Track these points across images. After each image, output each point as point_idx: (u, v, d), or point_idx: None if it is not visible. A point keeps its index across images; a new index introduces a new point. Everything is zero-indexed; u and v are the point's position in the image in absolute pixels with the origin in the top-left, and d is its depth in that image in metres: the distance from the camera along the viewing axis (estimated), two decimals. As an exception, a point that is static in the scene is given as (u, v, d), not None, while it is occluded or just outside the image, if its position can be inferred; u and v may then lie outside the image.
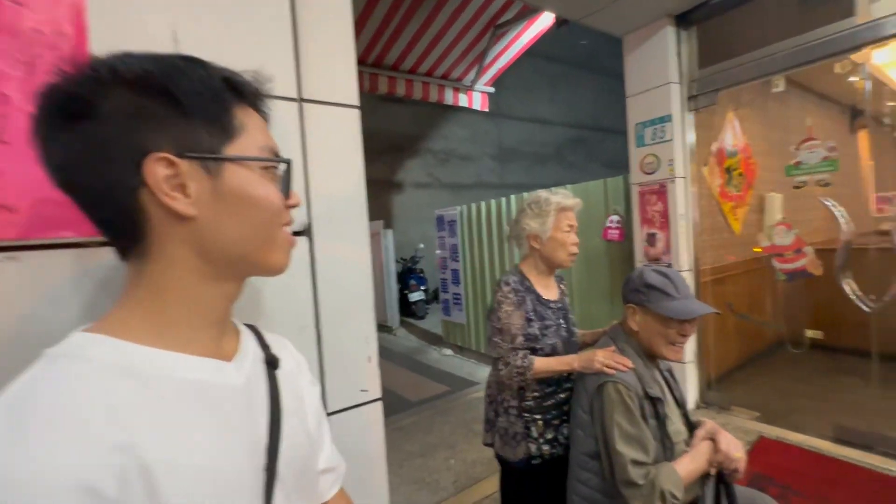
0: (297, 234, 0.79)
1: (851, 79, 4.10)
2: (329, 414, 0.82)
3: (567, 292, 1.57)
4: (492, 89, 4.53)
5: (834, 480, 2.07)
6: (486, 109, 4.77)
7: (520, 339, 1.32)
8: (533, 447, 1.31)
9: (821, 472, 2.14)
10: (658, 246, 2.88)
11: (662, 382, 1.30)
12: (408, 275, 7.26)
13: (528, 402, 1.34)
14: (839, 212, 2.31)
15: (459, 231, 5.13)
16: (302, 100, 0.80)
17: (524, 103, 9.96)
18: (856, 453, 2.24)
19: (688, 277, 2.85)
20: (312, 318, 0.80)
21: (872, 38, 2.10)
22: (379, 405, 0.89)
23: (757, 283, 3.60)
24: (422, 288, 7.03)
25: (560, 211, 1.41)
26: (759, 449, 2.38)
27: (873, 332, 2.34)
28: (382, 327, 6.88)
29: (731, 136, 3.36)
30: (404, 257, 7.57)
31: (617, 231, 3.33)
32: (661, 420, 1.16)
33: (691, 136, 2.85)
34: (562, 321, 1.42)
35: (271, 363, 0.56)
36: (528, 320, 1.35)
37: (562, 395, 1.36)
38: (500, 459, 1.40)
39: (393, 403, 3.86)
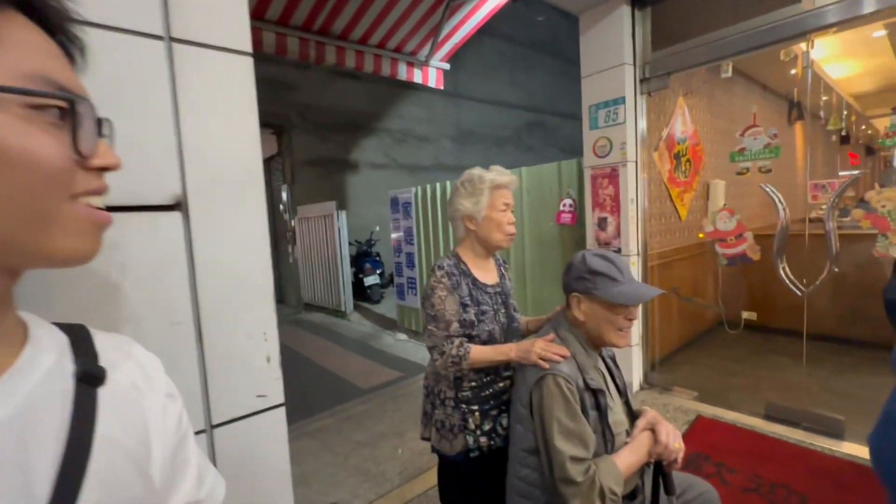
0: (165, 207, 0.63)
1: (793, 71, 4.27)
2: (216, 426, 0.69)
3: (510, 276, 1.49)
4: (447, 66, 4.35)
5: (764, 456, 2.17)
6: (442, 87, 4.58)
7: (455, 326, 1.23)
8: (470, 439, 1.24)
9: (752, 449, 2.23)
10: (608, 230, 2.88)
11: (605, 371, 1.26)
12: (363, 258, 7.06)
13: (464, 393, 1.25)
14: (777, 197, 2.38)
15: (414, 213, 4.98)
16: (171, 39, 0.64)
17: (483, 84, 9.83)
18: (783, 429, 2.36)
19: (636, 262, 2.87)
20: (190, 312, 0.66)
21: (817, 25, 2.13)
22: (281, 412, 0.76)
23: (700, 267, 3.73)
24: (377, 272, 6.86)
25: (494, 189, 1.31)
26: (697, 428, 2.45)
27: (804, 314, 2.45)
28: (336, 312, 6.67)
29: (681, 122, 3.41)
30: (359, 240, 7.34)
31: (570, 215, 3.31)
32: (602, 412, 1.11)
33: (643, 120, 2.84)
34: (500, 307, 1.34)
35: (89, 378, 0.41)
36: (464, 306, 1.26)
37: (500, 385, 1.29)
38: (438, 454, 1.32)
39: (343, 391, 3.73)
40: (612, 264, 1.14)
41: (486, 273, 1.36)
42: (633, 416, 1.26)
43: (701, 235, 2.94)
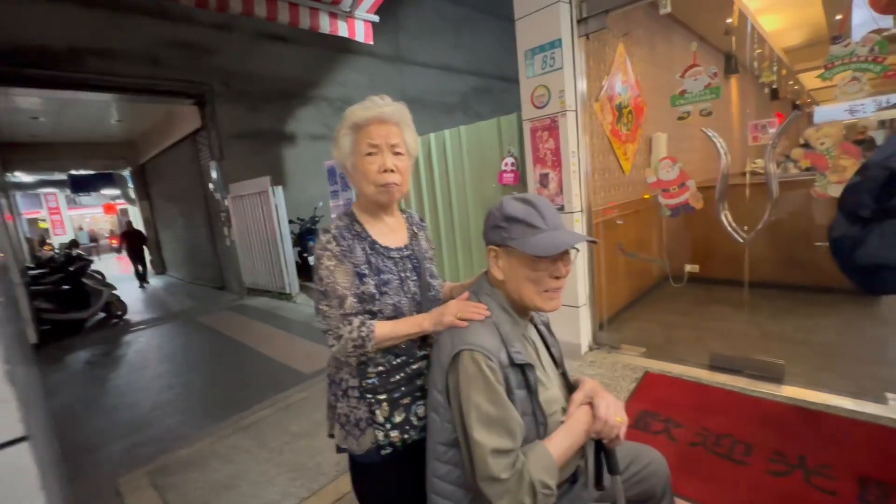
0: None
1: (728, 20, 4.19)
2: None
3: (429, 236, 1.25)
4: (376, 18, 3.95)
5: (710, 408, 2.13)
6: (372, 42, 4.18)
7: (350, 302, 0.99)
8: (380, 434, 1.02)
9: (699, 402, 2.19)
10: (551, 187, 2.70)
11: (538, 340, 1.07)
12: (307, 236, 6.63)
13: (370, 380, 1.02)
14: (719, 142, 2.28)
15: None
16: None
17: (427, 48, 9.35)
18: (727, 378, 2.35)
19: (580, 219, 2.73)
20: None
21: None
22: (21, 451, 0.49)
23: (645, 222, 3.68)
24: (322, 250, 6.47)
25: (355, 129, 1.04)
26: (645, 385, 2.40)
27: (745, 262, 2.41)
28: (281, 295, 6.27)
29: (622, 71, 3.25)
30: (302, 217, 6.88)
31: (512, 174, 3.11)
32: (531, 390, 0.92)
33: (582, 65, 2.64)
34: (410, 273, 1.10)
35: None
36: (360, 276, 1.01)
37: (413, 367, 1.06)
38: (347, 454, 1.09)
39: (284, 379, 3.46)
40: (533, 208, 0.93)
41: (390, 234, 1.11)
42: (571, 389, 1.08)
43: (646, 196, 2.83)
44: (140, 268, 9.37)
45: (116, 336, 5.53)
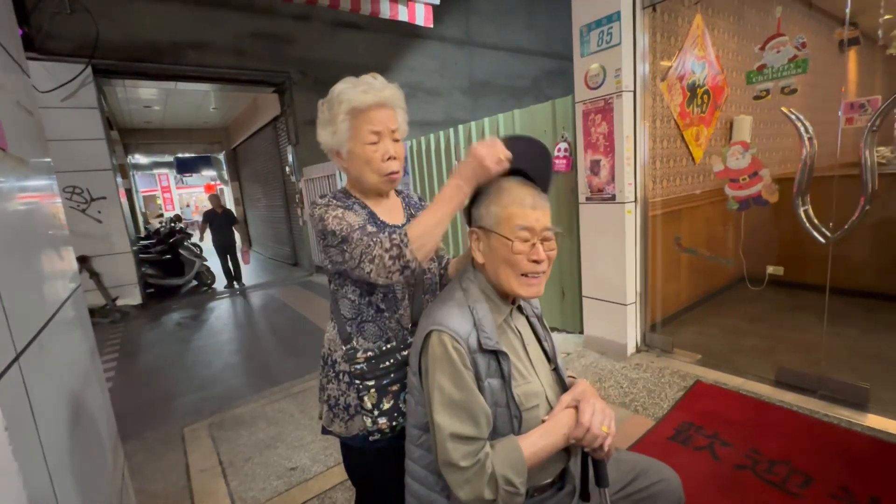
0: None
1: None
2: None
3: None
4: (436, 0, 3.91)
5: (767, 428, 1.88)
6: (431, 25, 4.16)
7: (370, 228, 0.94)
8: (368, 421, 1.02)
9: (755, 420, 1.95)
10: (602, 174, 2.51)
11: (526, 331, 1.00)
12: (369, 219, 6.84)
13: (359, 365, 1.02)
14: (803, 124, 1.94)
15: (410, 168, 4.72)
16: None
17: (499, 30, 9.11)
18: (795, 398, 2.05)
19: (633, 211, 2.51)
20: None
21: None
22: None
23: (719, 217, 3.31)
24: (386, 231, 6.65)
25: (354, 115, 0.96)
26: (693, 395, 2.17)
27: (828, 266, 2.06)
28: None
29: (699, 46, 2.90)
30: (366, 201, 7.12)
31: (564, 160, 2.95)
32: (505, 380, 0.87)
33: (645, 40, 2.39)
34: None
35: None
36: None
37: (404, 353, 1.04)
38: (338, 437, 1.11)
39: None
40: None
41: (388, 214, 1.09)
42: (565, 389, 1.01)
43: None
44: (230, 263, 6.85)
45: (204, 302, 6.22)
